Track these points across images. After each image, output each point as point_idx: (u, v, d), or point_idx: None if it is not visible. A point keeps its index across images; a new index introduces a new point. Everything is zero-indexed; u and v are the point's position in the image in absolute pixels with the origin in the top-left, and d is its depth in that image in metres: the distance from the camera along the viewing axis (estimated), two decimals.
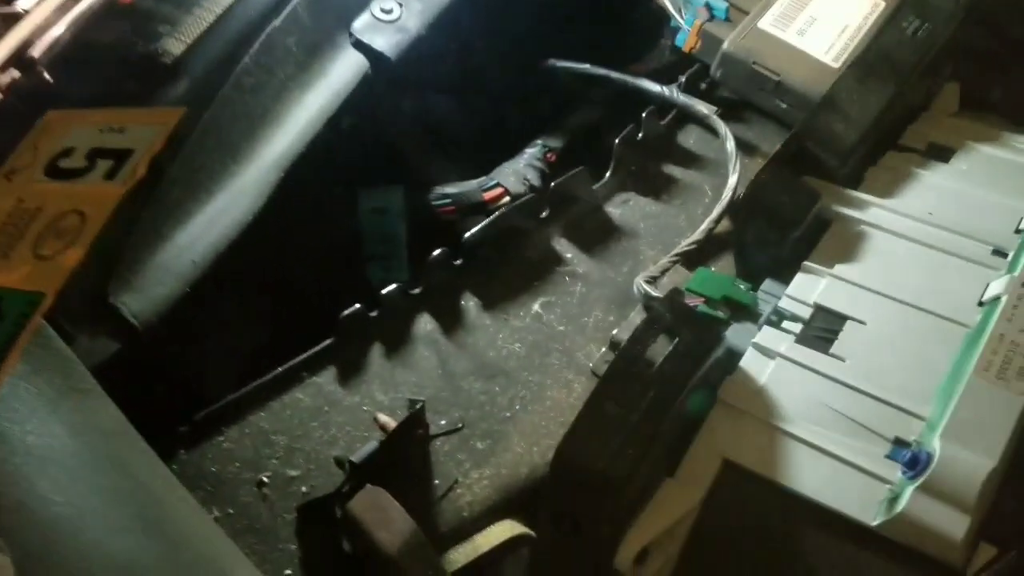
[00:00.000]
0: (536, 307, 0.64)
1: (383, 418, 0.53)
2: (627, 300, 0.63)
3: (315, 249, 0.72)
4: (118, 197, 0.37)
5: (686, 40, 0.79)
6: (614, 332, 0.60)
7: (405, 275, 0.74)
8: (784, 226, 0.61)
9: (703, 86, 0.77)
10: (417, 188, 0.77)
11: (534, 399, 0.57)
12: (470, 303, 0.63)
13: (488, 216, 0.68)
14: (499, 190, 0.76)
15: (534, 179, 0.77)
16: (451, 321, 0.62)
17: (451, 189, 0.77)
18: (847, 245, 0.60)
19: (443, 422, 0.55)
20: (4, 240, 0.39)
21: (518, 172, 0.78)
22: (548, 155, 0.81)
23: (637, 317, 0.60)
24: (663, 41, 0.84)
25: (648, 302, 0.60)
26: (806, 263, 0.59)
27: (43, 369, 0.40)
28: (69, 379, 0.41)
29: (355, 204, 0.77)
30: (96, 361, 0.48)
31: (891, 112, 0.70)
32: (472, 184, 0.77)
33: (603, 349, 0.61)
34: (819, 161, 0.67)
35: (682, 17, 0.79)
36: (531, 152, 0.81)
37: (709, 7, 0.80)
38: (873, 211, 0.63)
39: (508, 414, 0.56)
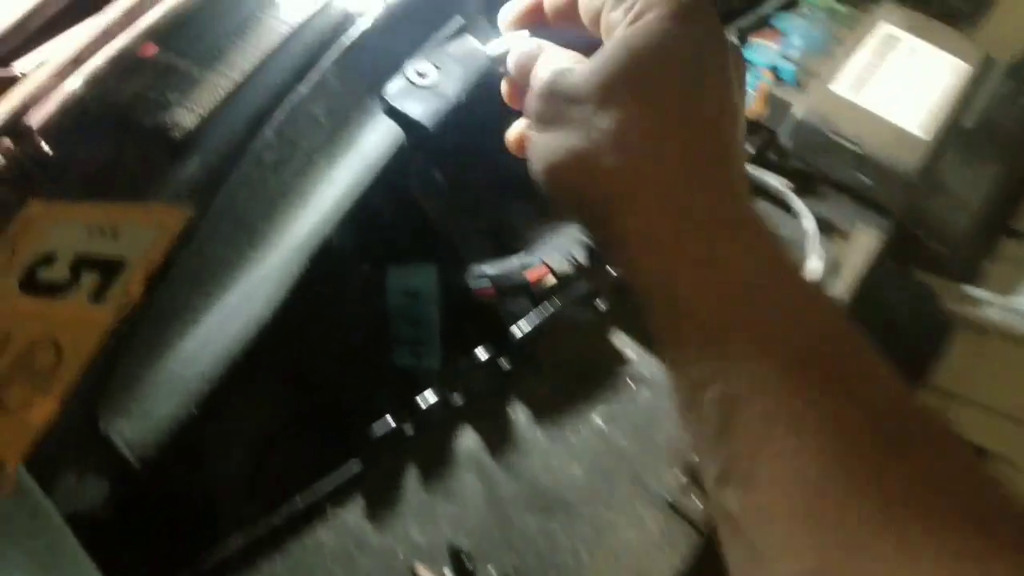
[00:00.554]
0: (596, 419, 0.55)
1: (423, 573, 0.43)
2: None
3: (339, 340, 0.63)
4: (103, 328, 0.29)
5: (751, 105, 0.72)
6: (693, 455, 0.51)
7: (436, 362, 0.66)
8: (898, 330, 0.53)
9: (772, 156, 0.70)
10: (451, 266, 0.69)
11: (599, 540, 0.48)
12: (519, 415, 0.55)
13: (530, 297, 0.61)
14: (543, 269, 0.68)
15: (580, 256, 0.70)
16: (498, 438, 0.53)
17: (490, 269, 0.70)
18: (974, 359, 0.52)
19: (493, 572, 0.46)
20: None
21: (562, 248, 0.70)
22: None
23: None
24: None
25: None
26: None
27: (13, 534, 0.31)
28: (45, 542, 0.32)
29: (383, 284, 0.69)
30: (81, 505, 0.40)
31: (1001, 191, 0.62)
32: (513, 263, 0.69)
33: (678, 472, 0.52)
34: (927, 251, 0.58)
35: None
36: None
37: (775, 69, 0.72)
38: (997, 312, 0.54)
39: (571, 561, 0.47)
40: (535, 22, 0.45)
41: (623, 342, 0.58)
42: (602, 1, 0.39)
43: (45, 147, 0.52)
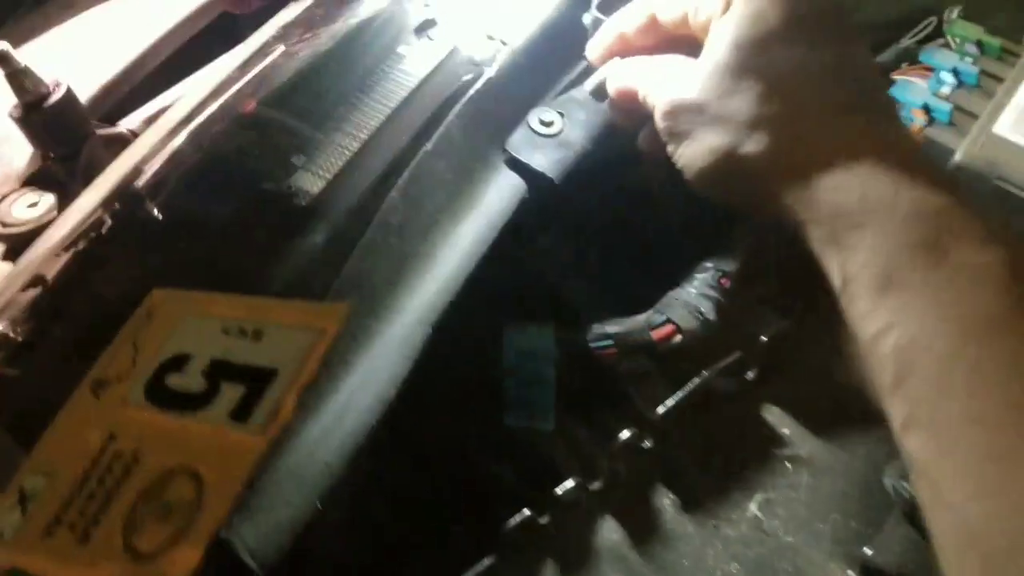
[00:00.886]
0: (753, 508, 0.49)
1: None
2: (874, 498, 0.48)
3: (457, 409, 0.58)
4: (255, 455, 0.24)
5: None
6: (865, 550, 0.45)
7: (550, 424, 0.61)
8: None
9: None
10: (568, 325, 0.64)
11: None
12: (665, 502, 0.49)
13: (656, 358, 0.57)
14: (669, 327, 0.63)
15: (708, 311, 0.64)
16: (644, 529, 0.48)
17: (613, 328, 0.64)
18: None
19: None
20: (83, 507, 0.26)
21: (689, 304, 0.65)
22: (722, 280, 0.68)
23: (895, 529, 0.46)
24: None
25: (908, 507, 0.45)
26: None
27: None
28: None
29: (498, 345, 0.64)
30: None
31: None
32: (638, 320, 0.63)
33: (850, 573, 0.46)
34: None
35: None
36: (702, 278, 0.67)
37: (927, 109, 0.66)
38: None
39: None
40: (621, 50, 0.48)
41: (776, 417, 0.52)
42: (683, 8, 0.42)
43: (157, 213, 0.49)
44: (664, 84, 0.42)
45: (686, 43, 0.44)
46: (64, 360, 0.41)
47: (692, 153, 0.41)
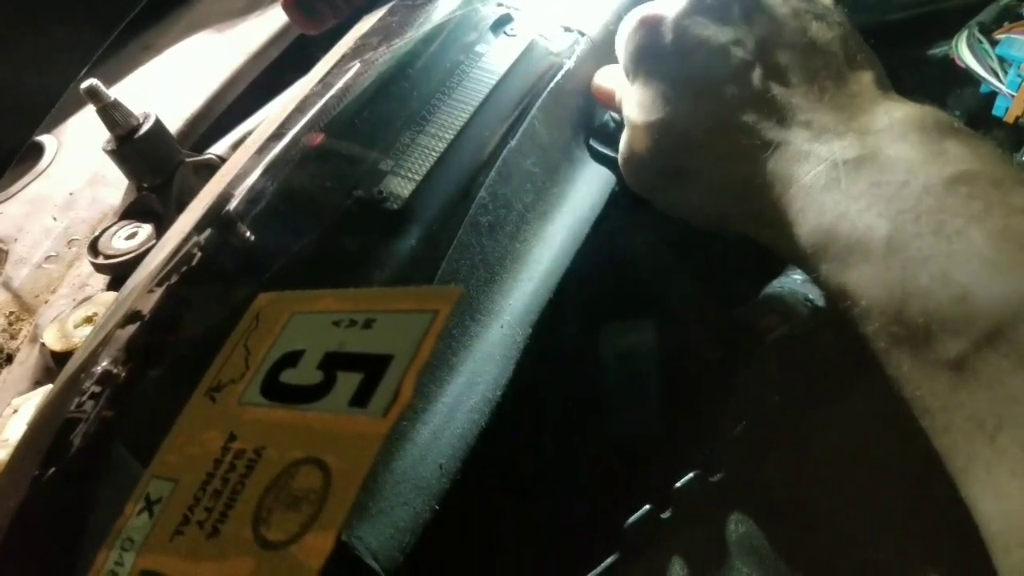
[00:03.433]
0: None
1: None
2: None
3: (561, 414, 0.57)
4: (379, 439, 0.24)
5: (1010, 108, 0.62)
6: None
7: (660, 427, 0.59)
8: None
9: None
10: (667, 321, 0.62)
11: None
12: (797, 489, 0.46)
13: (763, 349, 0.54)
14: (775, 318, 0.60)
15: (816, 298, 0.61)
16: (772, 516, 0.45)
17: (713, 322, 0.63)
18: None
19: None
20: (210, 504, 0.26)
21: (795, 292, 0.62)
22: None
23: None
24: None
25: None
26: None
27: None
28: None
29: (595, 346, 0.63)
30: None
31: None
32: (739, 313, 0.61)
33: None
34: None
35: (1000, 80, 0.62)
36: None
37: None
38: None
39: None
40: None
41: None
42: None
43: (251, 233, 0.49)
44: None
45: None
46: (176, 378, 0.41)
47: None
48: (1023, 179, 0.33)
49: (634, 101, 0.45)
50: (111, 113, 0.50)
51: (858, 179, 0.35)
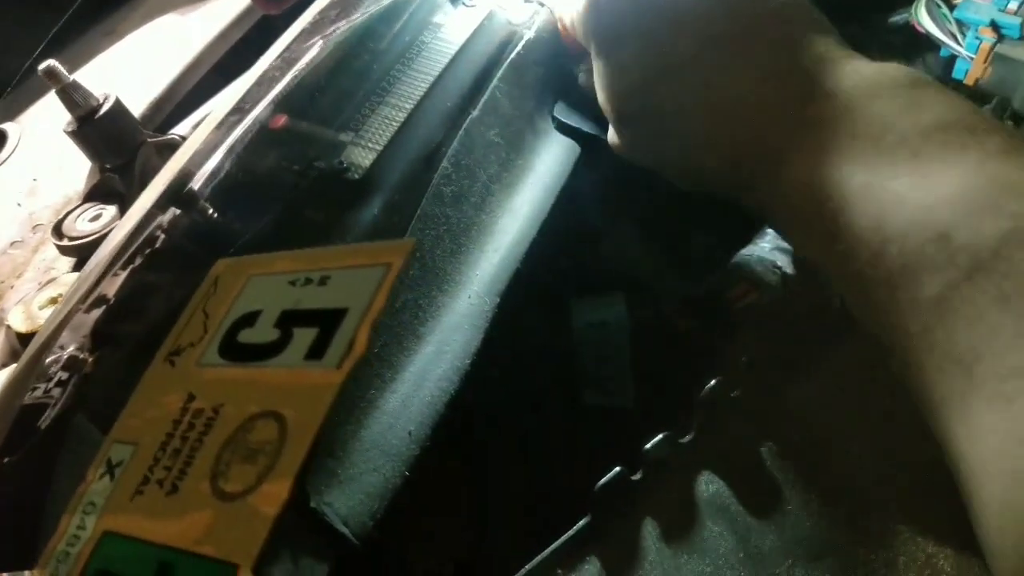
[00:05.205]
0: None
1: None
2: None
3: (532, 384, 0.57)
4: (334, 389, 0.24)
5: (970, 70, 0.62)
6: None
7: (629, 400, 0.59)
8: None
9: (1009, 125, 0.61)
10: (637, 292, 0.62)
11: None
12: (763, 450, 0.47)
13: (732, 318, 0.55)
14: (744, 286, 0.61)
15: (786, 265, 0.62)
16: (743, 479, 0.46)
17: (682, 292, 0.63)
18: None
19: None
20: (169, 463, 0.26)
21: (764, 260, 0.63)
22: None
23: None
24: None
25: None
26: None
27: None
28: None
29: (566, 319, 0.63)
30: None
31: None
32: (709, 282, 0.62)
33: None
34: None
35: (959, 43, 0.62)
36: (774, 232, 0.65)
37: (996, 26, 0.63)
38: None
39: None
40: None
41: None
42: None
43: (211, 211, 0.49)
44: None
45: None
46: (140, 355, 0.41)
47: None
48: (995, 125, 0.34)
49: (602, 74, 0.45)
50: (70, 94, 0.49)
51: (835, 133, 0.35)
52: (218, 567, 0.22)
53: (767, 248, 0.63)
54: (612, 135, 0.49)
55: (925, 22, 0.65)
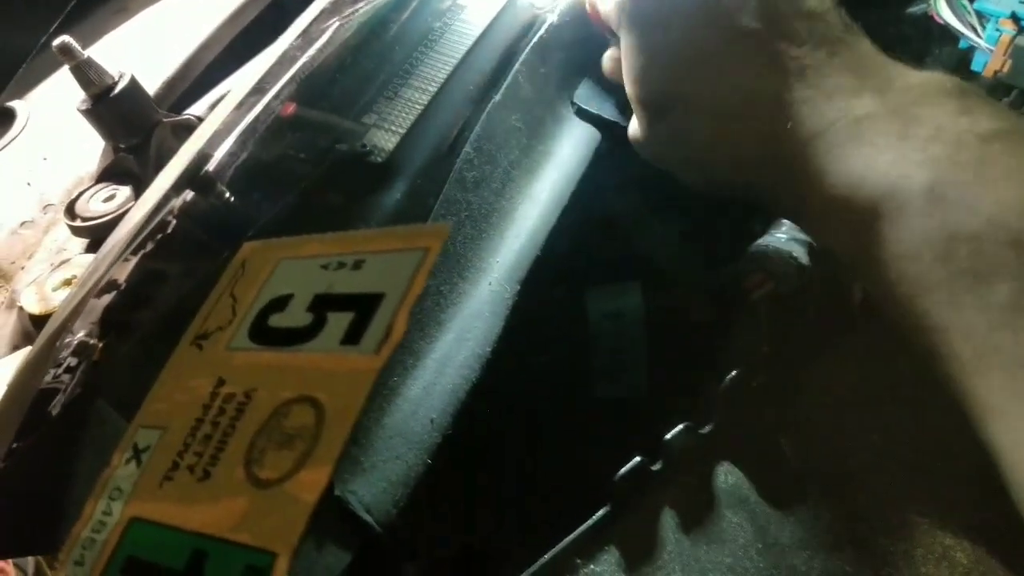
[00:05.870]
0: (876, 439, 0.46)
1: None
2: None
3: (550, 372, 0.57)
4: (373, 374, 0.23)
5: (988, 62, 0.62)
6: None
7: (644, 390, 0.59)
8: None
9: None
10: (654, 282, 0.62)
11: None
12: (783, 440, 0.46)
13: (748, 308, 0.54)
14: (760, 276, 0.60)
15: (801, 256, 0.61)
16: (761, 467, 0.45)
17: (701, 281, 0.62)
18: None
19: None
20: (200, 448, 0.25)
21: (780, 251, 0.62)
22: None
23: None
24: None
25: None
26: None
27: None
28: None
29: (584, 307, 0.62)
30: None
31: None
32: (725, 272, 0.61)
33: None
34: None
35: (978, 35, 0.62)
36: (790, 223, 0.64)
37: (1016, 17, 0.62)
38: None
39: None
40: None
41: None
42: None
43: (229, 195, 0.48)
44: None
45: None
46: (159, 339, 0.41)
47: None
48: None
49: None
50: (85, 71, 0.48)
51: (884, 133, 0.34)
52: (256, 554, 0.22)
53: (783, 239, 0.63)
54: (633, 127, 0.48)
55: (944, 13, 0.64)
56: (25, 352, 0.43)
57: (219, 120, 0.48)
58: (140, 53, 0.64)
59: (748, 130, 0.40)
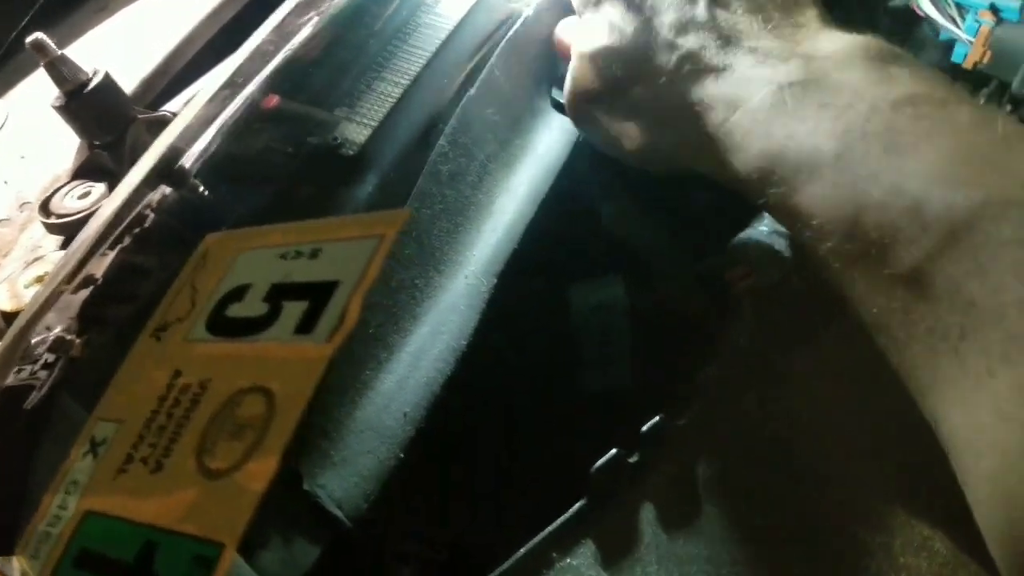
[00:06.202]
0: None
1: None
2: None
3: (531, 367, 0.57)
4: (322, 362, 0.23)
5: (969, 54, 0.61)
6: None
7: (628, 381, 0.59)
8: None
9: (1007, 108, 0.60)
10: (638, 276, 0.61)
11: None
12: (764, 432, 0.46)
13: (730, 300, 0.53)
14: (743, 269, 0.60)
15: (783, 248, 0.61)
16: (739, 458, 0.45)
17: (683, 274, 0.62)
18: None
19: None
20: (154, 440, 0.25)
21: (761, 243, 0.62)
22: None
23: None
24: None
25: None
26: None
27: None
28: None
29: (563, 300, 0.62)
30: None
31: None
32: (707, 264, 0.61)
33: None
34: None
35: (958, 26, 0.62)
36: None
37: (995, 9, 0.62)
38: None
39: None
40: None
41: None
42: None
43: (202, 188, 0.48)
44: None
45: None
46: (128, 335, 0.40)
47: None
48: (966, 99, 0.33)
49: (581, 32, 0.45)
50: (59, 67, 0.48)
51: (805, 102, 0.34)
52: (203, 545, 0.21)
53: (765, 231, 0.62)
54: (576, 113, 0.49)
55: (925, 5, 0.64)
56: None
57: (191, 115, 0.48)
58: (121, 51, 0.64)
59: (684, 121, 0.40)
